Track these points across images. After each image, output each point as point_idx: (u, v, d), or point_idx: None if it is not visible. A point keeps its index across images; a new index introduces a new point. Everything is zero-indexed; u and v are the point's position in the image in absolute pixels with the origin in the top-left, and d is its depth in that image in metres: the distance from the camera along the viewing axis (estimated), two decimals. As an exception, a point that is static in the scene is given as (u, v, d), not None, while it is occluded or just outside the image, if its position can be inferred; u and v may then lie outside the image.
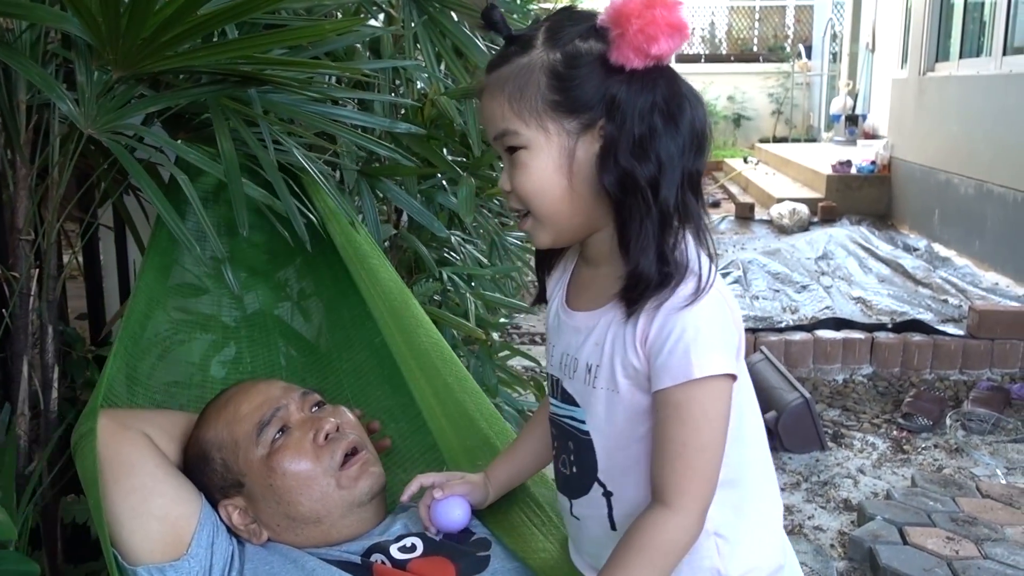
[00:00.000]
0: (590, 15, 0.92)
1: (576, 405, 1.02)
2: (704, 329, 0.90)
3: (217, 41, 1.32)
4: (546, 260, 1.10)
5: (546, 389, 1.10)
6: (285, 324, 1.63)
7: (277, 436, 1.21)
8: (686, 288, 0.91)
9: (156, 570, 1.10)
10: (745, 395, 1.00)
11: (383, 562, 1.16)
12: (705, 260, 0.94)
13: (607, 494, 1.02)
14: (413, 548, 1.19)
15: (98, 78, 1.27)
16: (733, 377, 0.93)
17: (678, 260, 0.91)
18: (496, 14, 0.96)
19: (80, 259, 1.91)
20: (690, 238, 0.95)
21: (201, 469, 1.23)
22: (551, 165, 0.93)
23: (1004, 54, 5.56)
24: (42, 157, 1.38)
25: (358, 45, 1.84)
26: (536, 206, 0.96)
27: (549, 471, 1.29)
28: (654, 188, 0.90)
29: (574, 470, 1.05)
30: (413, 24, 1.83)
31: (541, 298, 1.12)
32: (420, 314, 1.45)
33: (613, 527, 1.02)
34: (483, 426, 1.35)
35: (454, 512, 1.20)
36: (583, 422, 1.01)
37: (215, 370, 1.53)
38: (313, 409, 1.27)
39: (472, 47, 1.94)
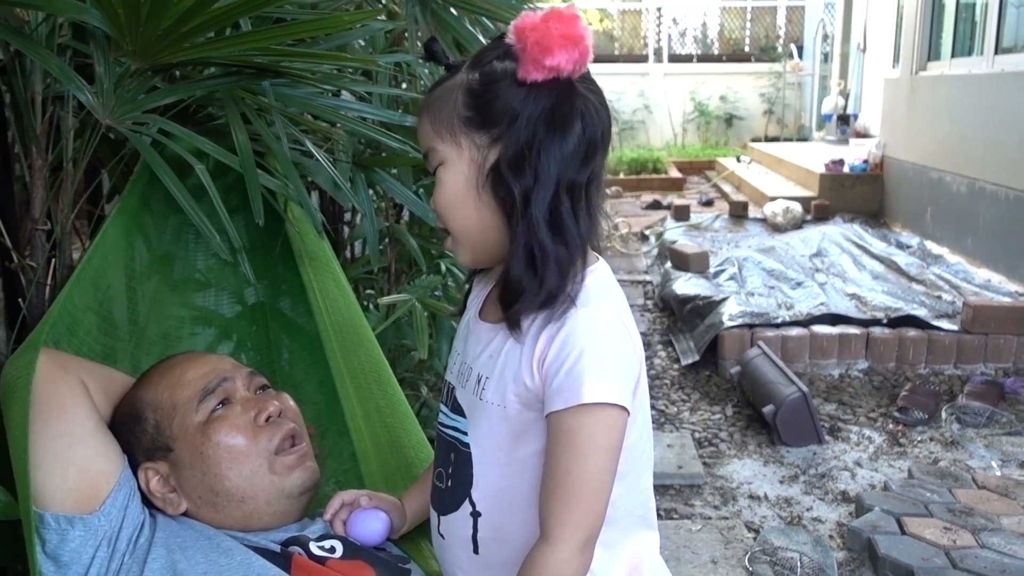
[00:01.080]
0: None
1: (463, 416, 1.03)
2: (602, 357, 0.92)
3: (232, 34, 1.33)
4: (473, 276, 1.13)
5: (442, 398, 1.10)
6: (238, 313, 1.63)
7: (218, 407, 1.18)
8: (576, 307, 0.93)
9: (64, 519, 1.05)
10: (642, 437, 1.01)
11: (302, 555, 1.13)
12: (595, 274, 0.97)
13: (475, 514, 1.02)
14: (333, 550, 1.16)
15: (112, 69, 1.29)
16: (626, 411, 0.93)
17: (556, 270, 0.93)
18: (436, 47, 1.02)
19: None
20: (595, 269, 0.98)
21: (131, 428, 1.19)
22: (461, 179, 0.96)
23: (996, 53, 5.61)
24: (56, 150, 1.40)
25: (361, 41, 1.86)
26: (451, 221, 0.99)
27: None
28: (525, 200, 0.93)
29: (449, 484, 1.05)
30: (416, 20, 1.86)
31: (460, 311, 1.13)
32: (366, 333, 1.45)
33: (476, 550, 1.03)
34: (407, 453, 1.35)
35: (374, 524, 1.18)
36: (466, 434, 1.02)
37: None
38: (258, 391, 1.24)
39: (473, 41, 1.97)
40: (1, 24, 1.21)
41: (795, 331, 4.02)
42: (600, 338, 0.92)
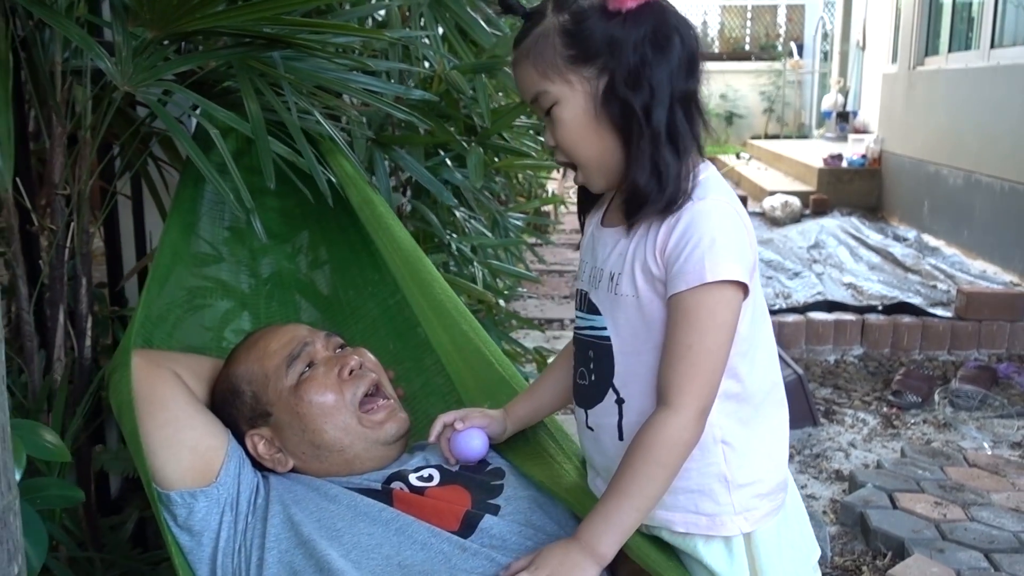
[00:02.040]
0: None
1: (599, 314, 1.11)
2: (720, 239, 1.00)
3: (244, 3, 1.39)
4: (587, 201, 1.20)
5: (574, 306, 1.19)
6: (303, 283, 1.71)
7: (304, 370, 1.29)
8: (693, 200, 1.02)
9: (188, 495, 1.18)
10: (759, 317, 1.09)
11: (402, 488, 1.24)
12: (707, 172, 1.06)
13: (619, 401, 1.10)
14: (430, 478, 1.27)
15: (129, 39, 1.35)
16: (744, 288, 1.02)
17: (676, 176, 1.01)
18: (513, 0, 1.10)
19: (101, 228, 1.99)
20: (706, 167, 1.06)
21: (231, 402, 1.31)
22: (580, 113, 1.04)
23: (992, 47, 5.67)
24: (73, 120, 1.46)
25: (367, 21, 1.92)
26: (578, 154, 1.08)
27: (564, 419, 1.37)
28: (646, 112, 1.01)
29: (592, 378, 1.13)
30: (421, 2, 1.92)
31: (581, 228, 1.22)
32: (434, 271, 1.53)
33: (621, 436, 1.11)
34: (499, 369, 1.43)
35: (473, 442, 1.28)
36: (604, 328, 1.10)
37: (230, 336, 1.61)
38: (337, 350, 1.35)
39: (475, 26, 2.03)
40: (25, -5, 1.27)
41: (791, 317, 4.08)
42: (717, 225, 1.01)
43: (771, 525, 1.11)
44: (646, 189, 1.02)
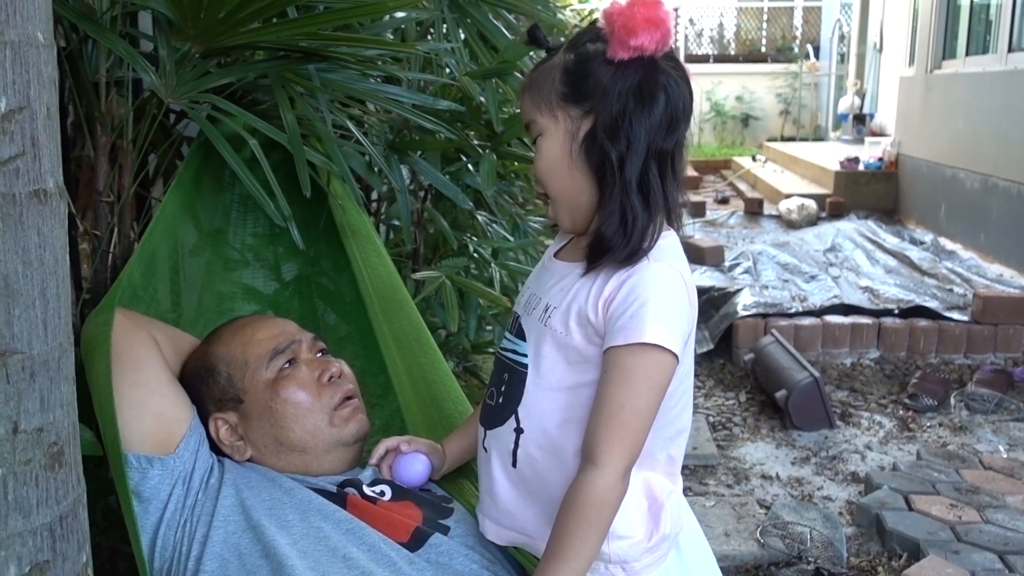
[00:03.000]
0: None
1: (525, 340, 1.14)
2: (665, 306, 1.04)
3: (282, 20, 1.45)
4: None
5: (508, 327, 1.22)
6: (327, 289, 1.75)
7: (286, 366, 1.30)
8: (649, 260, 1.05)
9: (144, 459, 1.17)
10: (676, 385, 1.10)
11: (356, 495, 1.25)
12: (668, 239, 1.09)
13: (518, 430, 1.13)
14: (383, 493, 1.28)
15: (172, 53, 1.40)
16: (677, 359, 1.05)
17: (642, 229, 1.05)
18: (539, 33, 1.16)
19: (138, 234, 2.05)
20: (669, 234, 1.10)
21: (204, 379, 1.31)
22: (557, 147, 1.09)
23: (1009, 51, 5.67)
24: (115, 131, 1.52)
25: (389, 34, 1.98)
26: (549, 185, 1.12)
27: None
28: (620, 162, 1.05)
29: (500, 400, 1.16)
30: (443, 12, 1.97)
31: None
32: (405, 298, 1.57)
33: (514, 464, 1.14)
34: (447, 406, 1.45)
35: (416, 466, 1.31)
36: (525, 356, 1.14)
37: None
38: (319, 354, 1.37)
39: (496, 33, 2.08)
40: (74, 10, 1.33)
41: (808, 321, 4.11)
42: (665, 290, 1.04)
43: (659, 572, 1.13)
44: (612, 237, 1.05)
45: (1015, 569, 2.31)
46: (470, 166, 2.22)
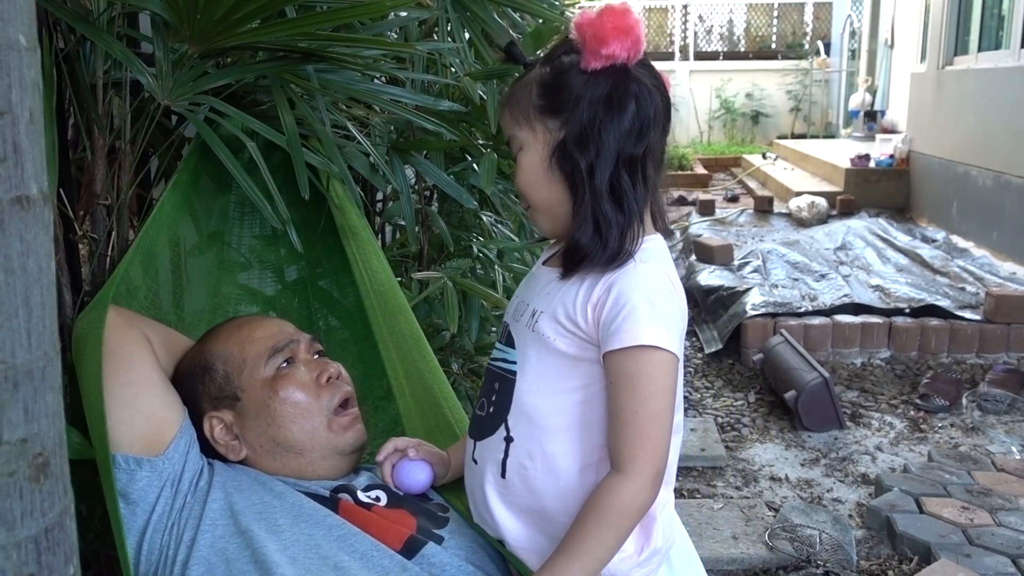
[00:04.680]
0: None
1: (513, 348, 1.13)
2: (657, 307, 1.03)
3: (280, 20, 1.43)
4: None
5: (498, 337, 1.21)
6: (325, 292, 1.73)
7: (284, 365, 1.28)
8: (635, 262, 1.05)
9: (133, 460, 1.15)
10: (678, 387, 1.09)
11: (349, 500, 1.23)
12: (653, 242, 1.09)
13: (508, 439, 1.12)
14: (378, 499, 1.26)
15: (169, 54, 1.39)
16: (677, 357, 1.04)
17: (619, 234, 1.05)
18: (515, 50, 1.17)
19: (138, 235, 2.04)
20: (653, 238, 1.09)
21: (199, 377, 1.28)
22: (537, 160, 1.09)
23: (1022, 47, 5.61)
24: (113, 132, 1.50)
25: (393, 33, 1.96)
26: (531, 197, 1.12)
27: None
28: (590, 171, 1.05)
29: (490, 410, 1.15)
30: (446, 11, 1.95)
31: None
32: (404, 304, 1.55)
33: (503, 474, 1.12)
34: (446, 412, 1.44)
35: (419, 474, 1.29)
36: (514, 363, 1.13)
37: None
38: (316, 355, 1.35)
39: (501, 32, 2.06)
40: (70, 12, 1.32)
41: (818, 320, 4.08)
42: (654, 291, 1.04)
43: None
44: (587, 244, 1.05)
45: (1028, 573, 2.28)
46: (475, 166, 2.20)
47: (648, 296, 1.03)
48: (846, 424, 3.40)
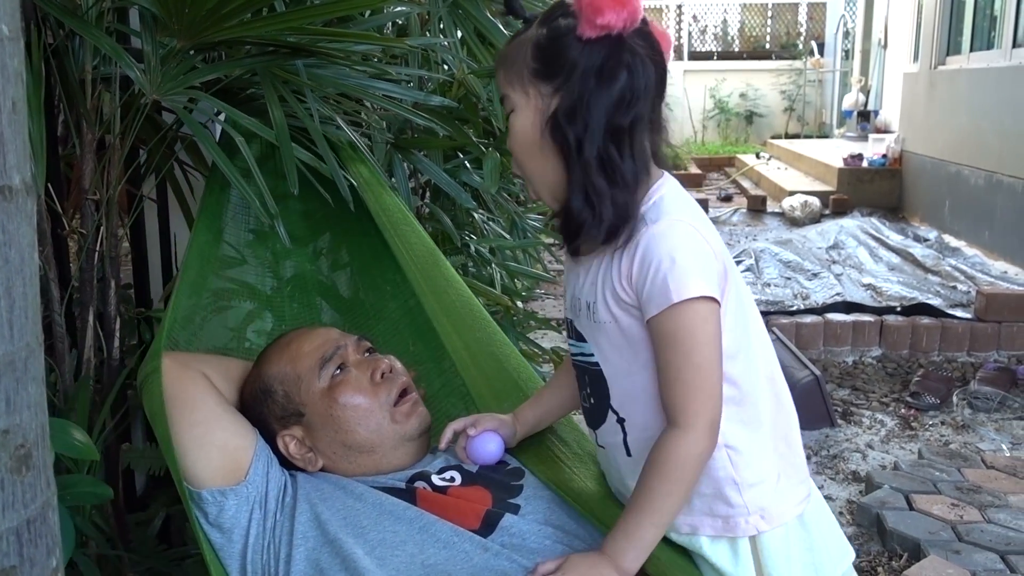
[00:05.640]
0: None
1: (584, 341, 1.14)
2: (680, 258, 1.02)
3: (269, 14, 1.43)
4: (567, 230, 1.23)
5: (566, 333, 1.22)
6: (324, 285, 1.74)
7: (336, 372, 1.33)
8: (648, 224, 1.05)
9: (218, 493, 1.21)
10: (744, 319, 1.11)
11: (425, 488, 1.27)
12: (663, 189, 1.08)
13: (620, 420, 1.14)
14: (452, 479, 1.30)
15: (157, 49, 1.39)
16: (714, 300, 1.03)
17: (612, 204, 1.04)
18: (515, 3, 1.13)
19: (128, 231, 2.03)
20: (660, 186, 1.08)
21: (262, 401, 1.33)
22: (529, 126, 1.07)
23: (1014, 46, 5.63)
24: (102, 127, 1.50)
25: (388, 27, 1.96)
26: (524, 166, 1.11)
27: (575, 416, 1.40)
28: (579, 144, 1.04)
29: (592, 401, 1.17)
30: (439, 7, 1.95)
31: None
32: (451, 274, 1.56)
33: (628, 453, 1.14)
34: (512, 374, 1.46)
35: (489, 445, 1.32)
36: (592, 355, 1.14)
37: (252, 336, 1.65)
38: (366, 354, 1.39)
39: (494, 31, 2.06)
40: (58, 6, 1.31)
41: (809, 319, 4.09)
42: (675, 245, 1.03)
43: (779, 532, 1.12)
44: (580, 216, 1.05)
45: (1017, 569, 2.29)
46: (467, 164, 2.20)
47: (669, 253, 1.02)
48: (837, 422, 3.41)
